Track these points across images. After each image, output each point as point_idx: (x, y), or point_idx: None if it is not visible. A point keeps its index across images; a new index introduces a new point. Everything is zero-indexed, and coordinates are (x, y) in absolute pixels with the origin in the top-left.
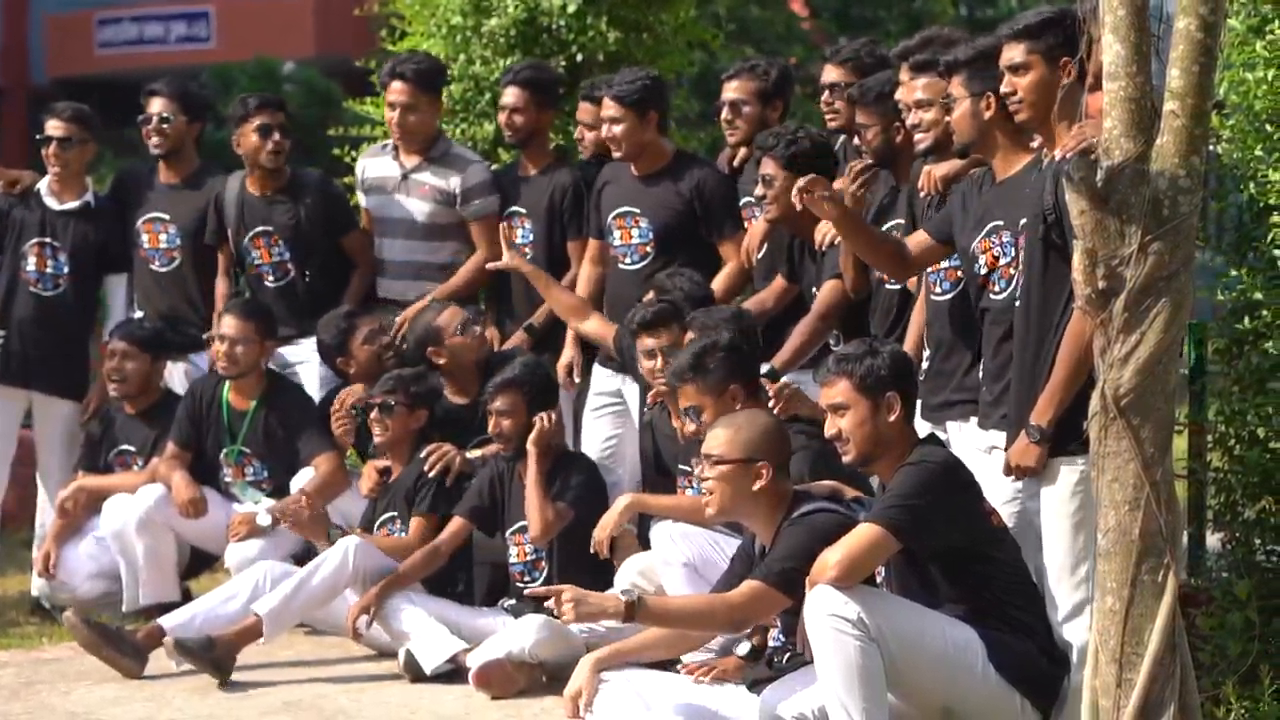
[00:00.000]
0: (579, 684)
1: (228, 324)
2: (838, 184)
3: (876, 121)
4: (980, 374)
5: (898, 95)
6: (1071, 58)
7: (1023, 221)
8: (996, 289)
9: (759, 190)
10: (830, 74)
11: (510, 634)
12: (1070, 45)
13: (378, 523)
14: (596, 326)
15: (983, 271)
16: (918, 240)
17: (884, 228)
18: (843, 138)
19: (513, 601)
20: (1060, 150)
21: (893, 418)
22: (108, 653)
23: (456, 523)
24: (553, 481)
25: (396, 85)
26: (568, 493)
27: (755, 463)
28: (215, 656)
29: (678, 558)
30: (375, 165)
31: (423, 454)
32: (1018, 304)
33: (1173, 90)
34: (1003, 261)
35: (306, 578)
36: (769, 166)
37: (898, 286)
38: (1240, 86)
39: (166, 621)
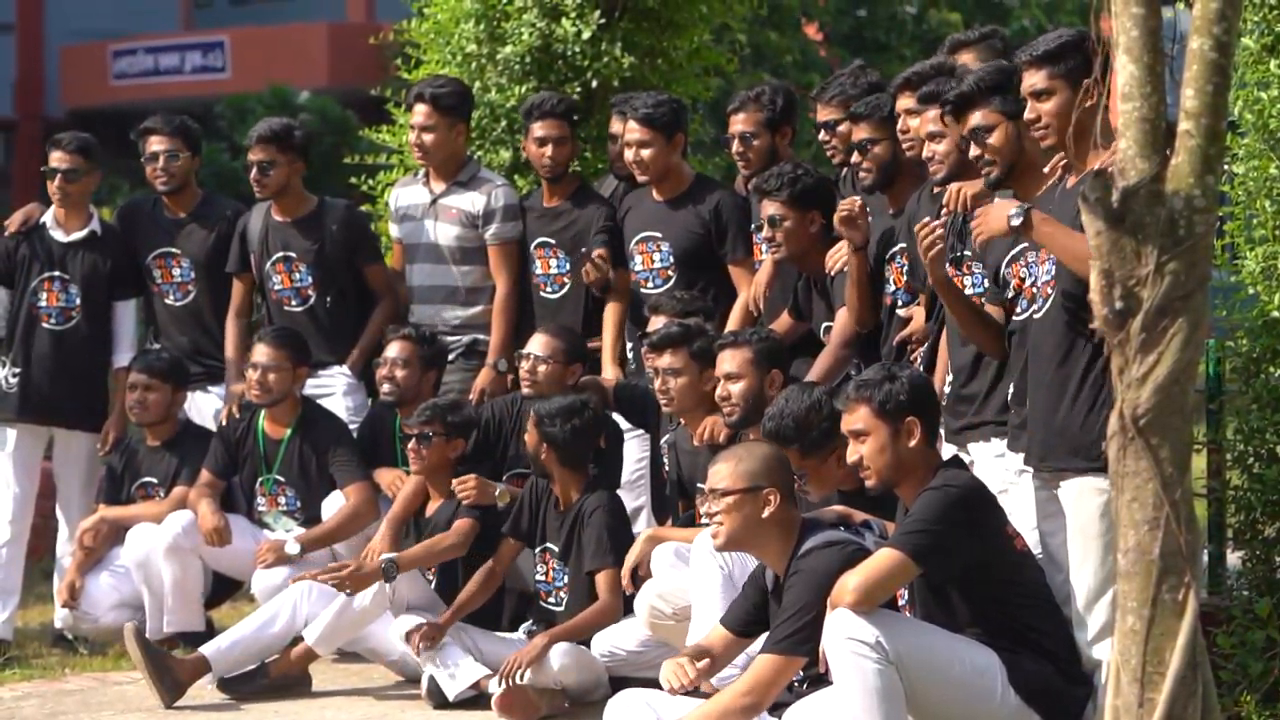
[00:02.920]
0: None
1: (260, 352)
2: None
3: (885, 134)
4: (1009, 397)
5: (900, 126)
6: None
7: None
8: (1019, 309)
9: (766, 232)
10: (823, 113)
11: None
12: (1090, 67)
13: None
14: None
15: (1010, 295)
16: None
17: (890, 254)
18: (845, 171)
19: (534, 626)
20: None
21: (913, 442)
22: (150, 676)
23: (507, 543)
24: (578, 525)
25: (418, 107)
26: (602, 554)
27: (761, 490)
28: (270, 684)
29: (715, 567)
30: (407, 194)
31: (453, 485)
32: (1037, 316)
33: (1187, 110)
34: (1028, 283)
35: (348, 602)
36: (774, 207)
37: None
38: (1255, 105)
39: (209, 649)
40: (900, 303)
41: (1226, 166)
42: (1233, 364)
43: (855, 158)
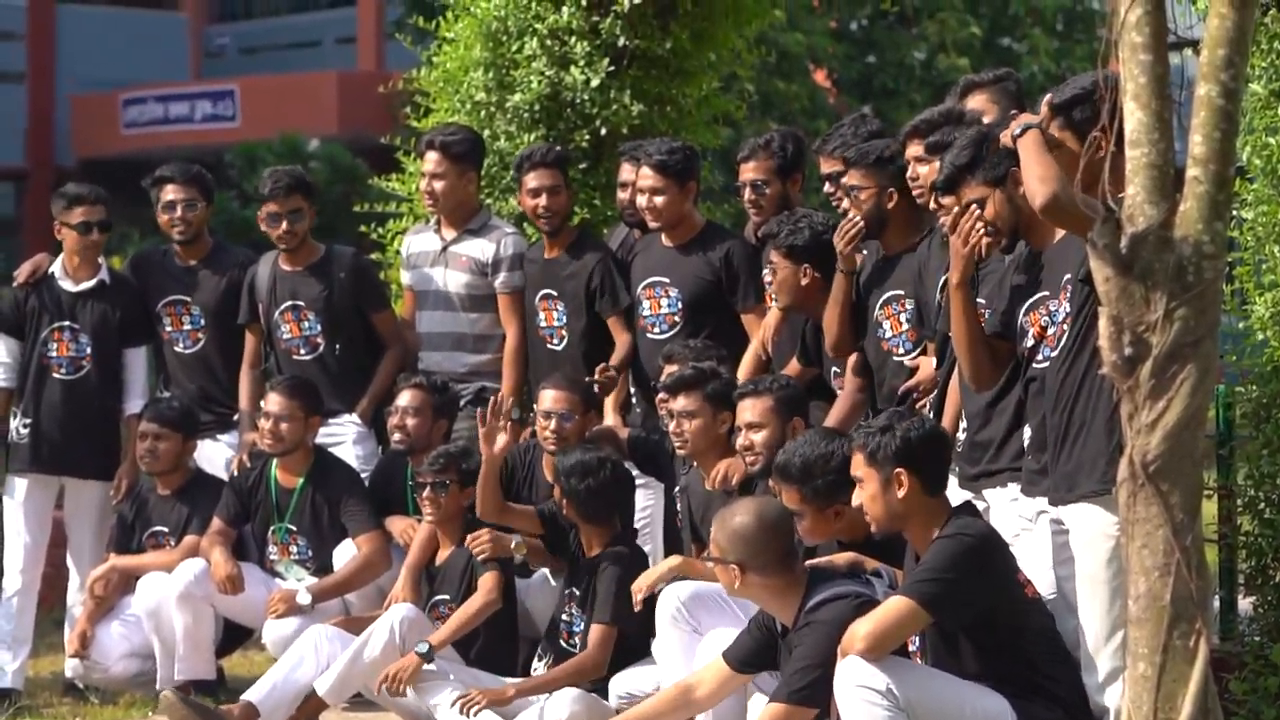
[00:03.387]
0: None
1: (273, 401)
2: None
3: (872, 184)
4: (1025, 443)
5: (909, 173)
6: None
7: (1065, 278)
8: (1040, 357)
9: (768, 277)
10: (826, 165)
11: (546, 706)
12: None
13: (428, 605)
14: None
15: (1030, 344)
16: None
17: (883, 299)
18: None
19: (547, 664)
20: None
21: (901, 493)
22: None
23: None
24: (594, 578)
25: (429, 155)
26: (603, 610)
27: (727, 564)
28: None
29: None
30: (418, 241)
31: (468, 542)
32: (1052, 355)
33: (1195, 156)
34: (1050, 331)
35: (359, 651)
36: (772, 256)
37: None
38: (1263, 151)
39: (253, 695)
40: (902, 349)
41: (1235, 212)
42: (1243, 409)
43: (845, 204)
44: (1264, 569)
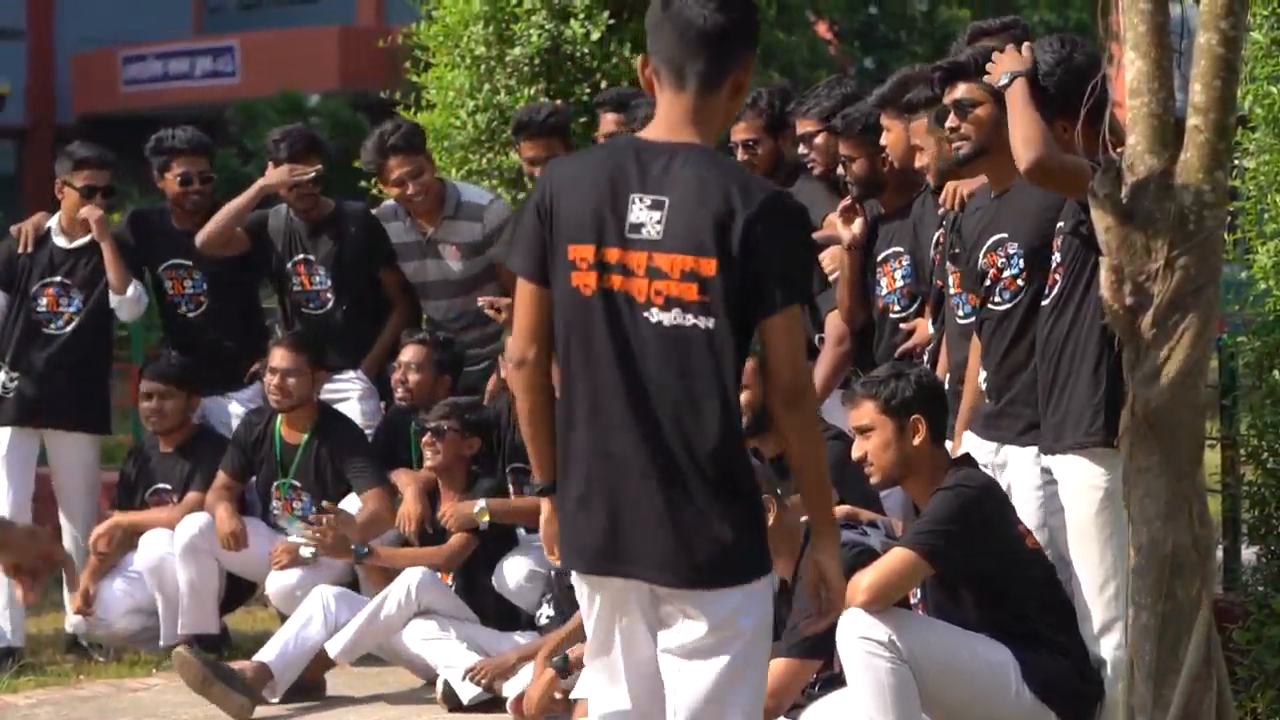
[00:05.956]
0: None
1: (279, 356)
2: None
3: (862, 152)
4: (984, 387)
5: (884, 141)
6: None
7: (1051, 226)
8: (997, 299)
9: None
10: (802, 126)
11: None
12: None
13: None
14: None
15: (987, 285)
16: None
17: (881, 256)
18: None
19: (550, 615)
20: None
21: (918, 440)
22: (218, 690)
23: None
24: None
25: (395, 160)
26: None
27: None
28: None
29: None
30: (395, 230)
31: (438, 515)
32: (1044, 303)
33: (1195, 105)
34: (1006, 274)
35: (374, 613)
36: None
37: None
38: (1265, 100)
39: (265, 656)
40: (897, 307)
41: (1237, 161)
42: (1246, 359)
43: (841, 170)
44: (1267, 519)
